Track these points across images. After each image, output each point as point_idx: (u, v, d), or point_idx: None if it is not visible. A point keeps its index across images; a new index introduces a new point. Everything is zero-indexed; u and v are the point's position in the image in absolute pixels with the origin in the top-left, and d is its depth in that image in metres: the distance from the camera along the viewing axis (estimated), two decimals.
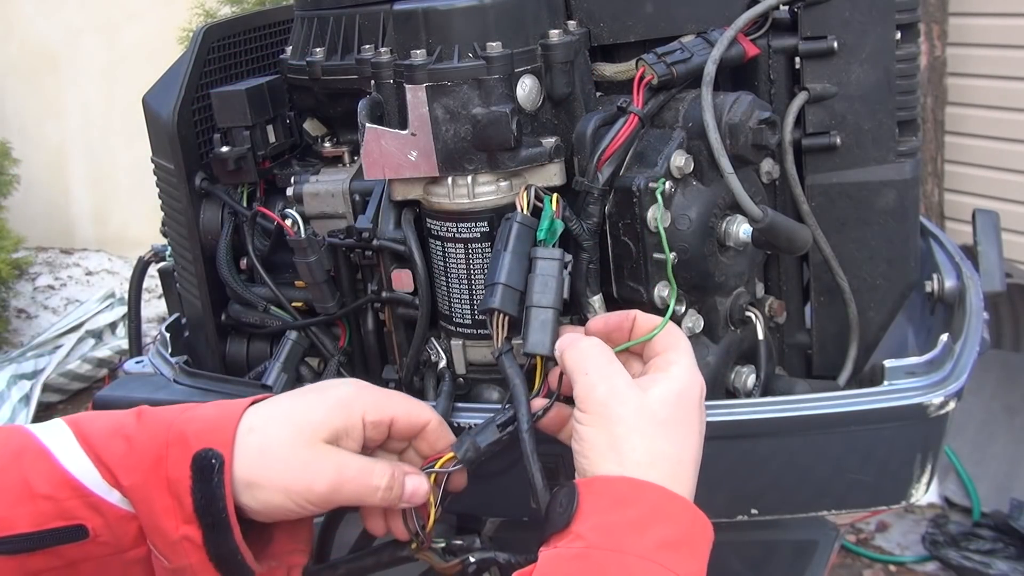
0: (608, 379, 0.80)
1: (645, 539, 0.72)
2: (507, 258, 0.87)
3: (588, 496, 0.75)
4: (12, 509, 0.79)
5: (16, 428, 0.85)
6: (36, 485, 0.80)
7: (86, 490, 0.80)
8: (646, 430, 0.78)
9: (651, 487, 0.75)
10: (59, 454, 0.82)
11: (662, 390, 0.80)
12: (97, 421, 0.84)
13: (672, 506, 0.75)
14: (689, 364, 0.83)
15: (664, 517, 0.74)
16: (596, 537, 0.72)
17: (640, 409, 0.79)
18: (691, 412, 0.81)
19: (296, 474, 0.80)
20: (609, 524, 0.73)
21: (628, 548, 0.72)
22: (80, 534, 0.80)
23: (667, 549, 0.72)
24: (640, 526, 0.73)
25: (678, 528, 0.74)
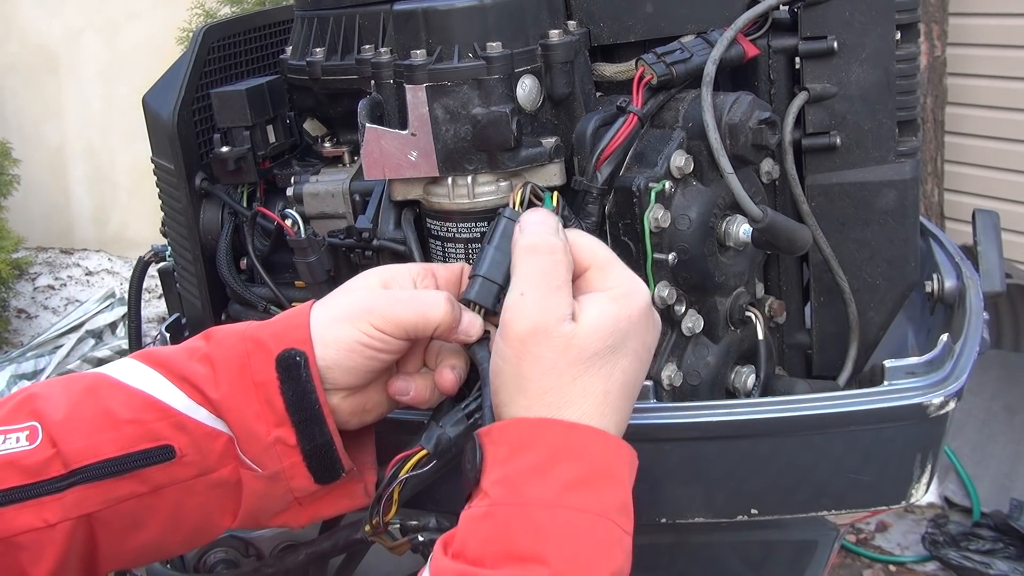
0: (542, 312, 0.75)
1: (547, 484, 0.69)
2: (489, 252, 0.87)
3: (490, 446, 0.73)
4: (96, 436, 0.80)
5: (80, 373, 0.87)
6: (118, 412, 0.81)
7: (171, 410, 0.82)
8: (567, 370, 0.74)
9: (552, 425, 0.72)
10: (136, 382, 0.83)
11: (597, 318, 0.75)
12: (167, 350, 0.87)
13: (576, 440, 0.71)
14: (625, 276, 0.78)
15: (567, 455, 0.70)
16: (499, 492, 0.70)
17: (566, 349, 0.74)
18: (630, 333, 0.76)
19: (359, 304, 0.83)
20: (510, 475, 0.70)
21: (530, 498, 0.69)
22: (167, 454, 0.81)
23: (573, 489, 0.69)
24: (540, 470, 0.69)
25: (584, 463, 0.70)
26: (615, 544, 0.69)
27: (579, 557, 0.67)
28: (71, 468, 0.79)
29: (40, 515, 0.78)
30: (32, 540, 0.78)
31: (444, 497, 0.96)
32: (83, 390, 0.83)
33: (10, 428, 0.79)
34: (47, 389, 0.83)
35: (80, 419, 0.81)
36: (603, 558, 0.68)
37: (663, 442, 0.91)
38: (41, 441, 0.79)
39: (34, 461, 0.78)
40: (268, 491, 0.84)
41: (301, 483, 0.84)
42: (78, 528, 0.79)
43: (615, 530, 0.69)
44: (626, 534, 0.70)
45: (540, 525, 0.68)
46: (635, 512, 0.94)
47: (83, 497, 0.79)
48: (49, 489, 0.78)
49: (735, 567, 1.08)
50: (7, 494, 0.77)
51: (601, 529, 0.69)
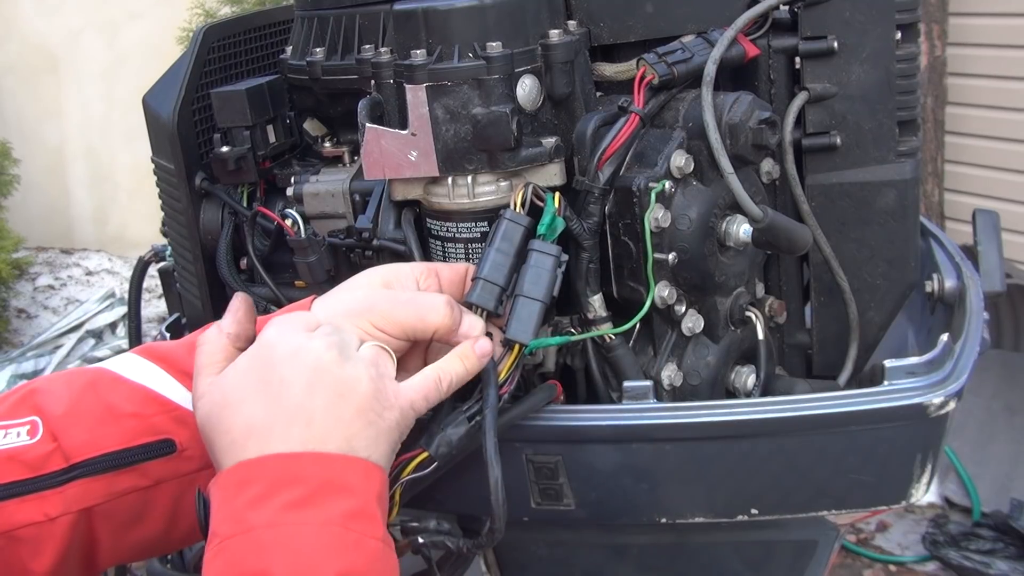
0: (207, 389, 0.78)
1: (268, 509, 0.70)
2: (491, 254, 0.87)
3: (216, 492, 0.74)
4: (98, 430, 0.81)
5: (81, 368, 0.87)
6: (119, 406, 0.82)
7: (172, 404, 0.83)
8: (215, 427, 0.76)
9: (267, 459, 0.73)
10: (137, 376, 0.84)
11: (227, 372, 0.78)
12: (168, 345, 0.87)
13: (292, 467, 0.72)
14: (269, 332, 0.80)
15: (286, 481, 0.71)
16: (226, 528, 0.71)
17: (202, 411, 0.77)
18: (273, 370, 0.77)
19: (359, 302, 0.83)
20: (235, 510, 0.71)
21: (253, 524, 0.70)
22: (168, 448, 0.82)
23: (292, 509, 0.70)
24: (261, 499, 0.71)
25: (303, 485, 0.71)
26: (345, 547, 0.70)
27: (302, 564, 0.68)
28: (72, 462, 0.79)
29: (41, 509, 0.78)
30: (32, 534, 0.78)
31: (444, 497, 0.96)
32: (84, 385, 0.83)
33: (11, 423, 0.80)
34: (48, 384, 0.84)
35: (81, 413, 0.81)
36: (328, 561, 0.69)
37: (663, 442, 0.91)
38: (42, 436, 0.79)
39: (35, 455, 0.79)
40: None
41: None
42: (79, 522, 0.79)
43: (345, 535, 0.70)
44: (366, 537, 0.71)
45: (263, 544, 0.69)
46: (635, 512, 0.94)
47: (84, 491, 0.79)
48: (50, 483, 0.79)
49: (735, 567, 1.08)
50: (8, 488, 0.77)
51: (326, 536, 0.70)
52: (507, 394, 0.86)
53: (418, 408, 0.80)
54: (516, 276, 0.88)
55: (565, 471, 0.93)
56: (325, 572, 0.68)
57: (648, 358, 0.98)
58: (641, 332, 0.97)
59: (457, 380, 0.83)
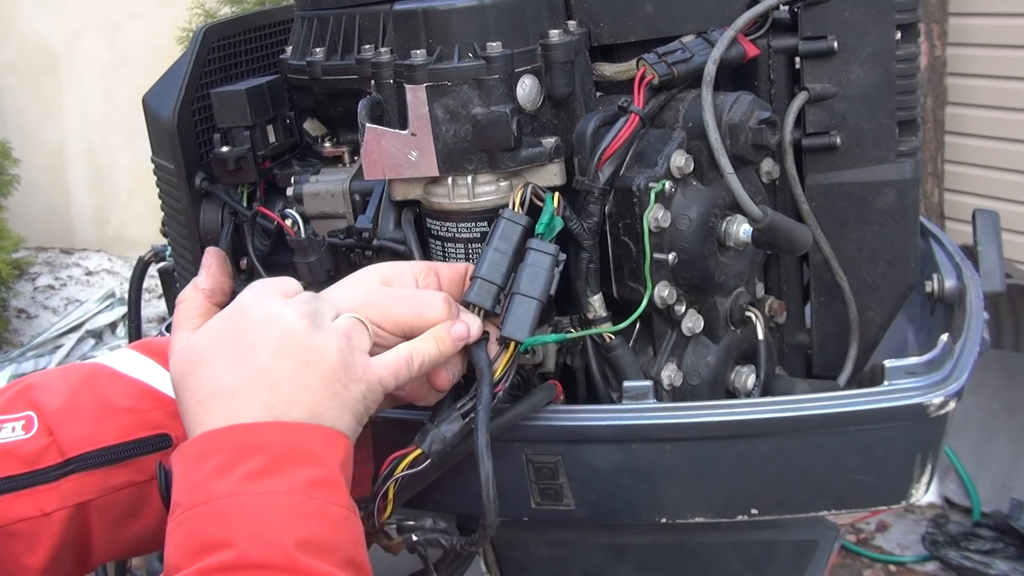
0: (178, 351, 0.79)
1: (229, 479, 0.70)
2: (489, 253, 0.88)
3: (177, 464, 0.74)
4: (94, 424, 0.81)
5: (77, 363, 0.88)
6: (116, 401, 0.82)
7: (168, 399, 0.83)
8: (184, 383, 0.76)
9: (229, 430, 0.73)
10: (134, 371, 0.84)
11: (198, 332, 0.79)
12: (164, 340, 0.87)
13: (254, 437, 0.72)
14: (245, 295, 0.80)
15: (247, 451, 0.71)
16: (188, 498, 0.71)
17: (173, 366, 0.78)
18: (243, 333, 0.77)
19: (357, 298, 0.84)
20: (196, 481, 0.71)
21: (215, 494, 0.70)
22: (164, 442, 0.82)
23: (253, 479, 0.70)
24: (223, 470, 0.71)
25: (265, 454, 0.71)
26: (307, 514, 0.70)
27: (262, 532, 0.68)
28: (68, 456, 0.79)
29: (36, 504, 0.78)
30: (27, 529, 0.78)
31: (443, 497, 0.96)
32: (81, 380, 0.83)
33: (6, 418, 0.80)
34: (44, 379, 0.84)
35: (77, 408, 0.81)
36: (289, 528, 0.69)
37: (663, 442, 0.91)
38: (37, 430, 0.79)
39: (30, 450, 0.79)
40: None
41: None
42: (74, 517, 0.79)
43: (307, 502, 0.70)
44: (329, 504, 0.71)
45: (224, 514, 0.69)
46: (635, 512, 0.94)
47: (80, 485, 0.79)
48: (45, 478, 0.79)
49: (735, 567, 1.08)
50: (2, 483, 0.78)
51: (287, 504, 0.70)
52: (502, 392, 0.86)
53: (386, 384, 0.80)
54: (514, 275, 0.88)
55: (565, 471, 0.93)
56: (286, 539, 0.68)
57: (648, 358, 0.98)
58: (641, 332, 0.97)
59: (429, 361, 0.82)
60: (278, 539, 0.68)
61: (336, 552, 0.70)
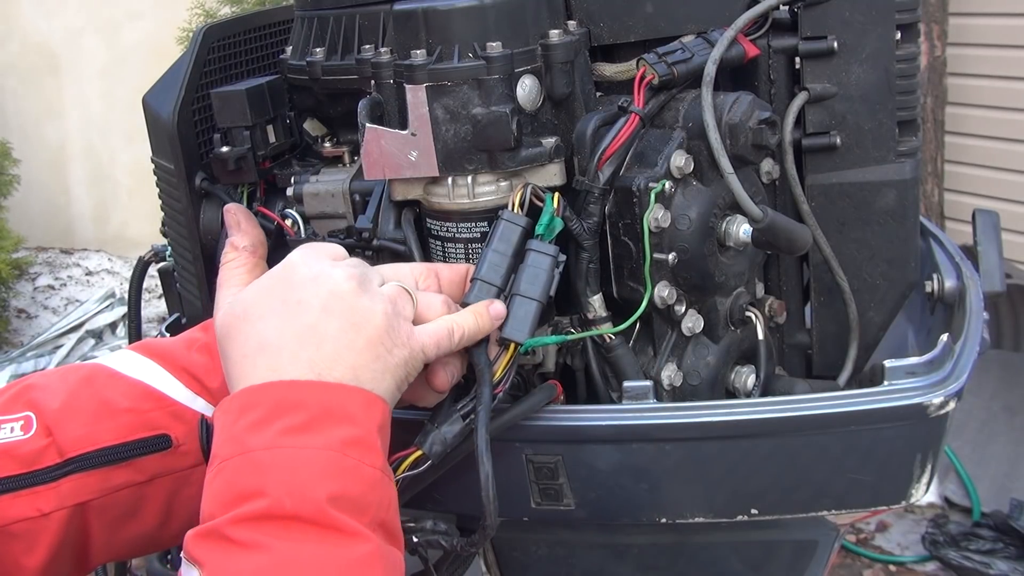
0: (228, 306, 0.80)
1: (267, 432, 0.71)
2: (488, 254, 0.88)
3: (219, 417, 0.75)
4: (93, 425, 0.81)
5: (77, 364, 0.88)
6: (116, 401, 0.82)
7: (168, 400, 0.83)
8: (230, 338, 0.78)
9: (268, 386, 0.74)
10: (134, 372, 0.84)
11: (248, 288, 0.81)
12: (165, 341, 0.88)
13: (295, 393, 0.73)
14: (294, 255, 0.82)
15: (287, 407, 0.72)
16: (226, 449, 0.72)
17: (220, 321, 0.79)
18: (292, 290, 0.78)
19: None
20: (235, 433, 0.72)
21: (252, 446, 0.71)
22: (164, 443, 0.83)
23: (292, 433, 0.71)
24: (262, 424, 0.72)
25: (304, 411, 0.72)
26: (342, 471, 0.71)
27: (296, 484, 0.69)
28: (67, 457, 0.79)
29: (34, 504, 0.78)
30: (25, 529, 0.78)
31: (443, 497, 0.96)
32: (80, 380, 0.83)
33: (5, 418, 0.80)
34: (43, 380, 0.84)
35: (77, 408, 0.81)
36: (322, 482, 0.69)
37: (663, 442, 0.91)
38: (36, 431, 0.79)
39: (28, 450, 0.79)
40: None
41: None
42: (72, 517, 0.79)
43: (343, 459, 0.71)
44: (364, 464, 0.72)
45: (260, 465, 0.70)
46: (635, 512, 0.94)
47: (79, 485, 0.79)
48: (44, 478, 0.79)
49: (735, 567, 1.08)
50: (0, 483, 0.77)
51: (321, 460, 0.71)
52: (502, 393, 0.86)
53: (428, 353, 0.81)
54: (514, 276, 0.88)
55: (565, 471, 0.93)
56: (319, 493, 0.69)
57: (648, 358, 0.98)
58: (641, 332, 0.97)
59: (469, 334, 0.84)
60: (311, 492, 0.68)
61: (368, 512, 0.70)
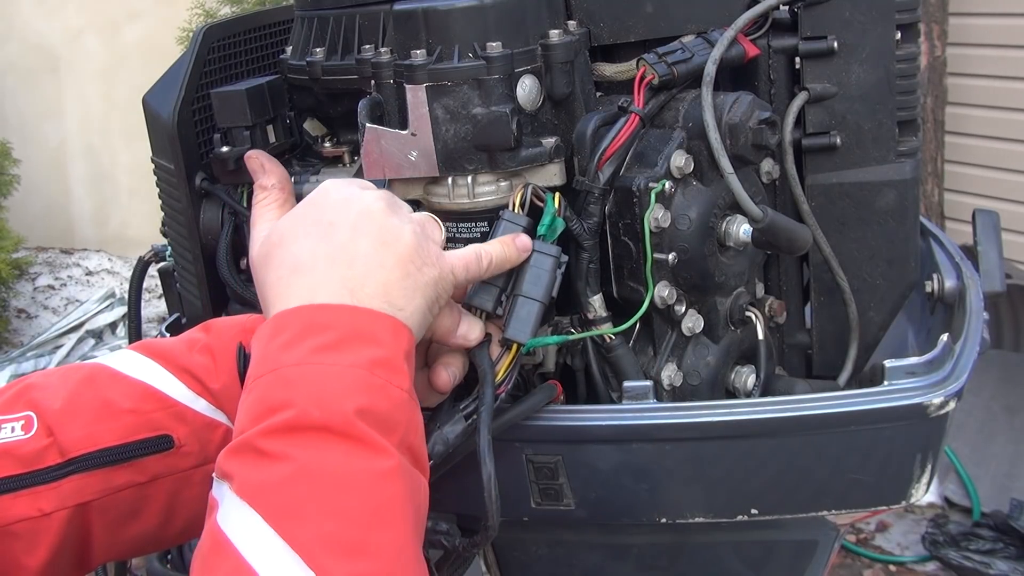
0: (264, 237, 0.83)
1: (297, 350, 0.72)
2: None
3: (253, 344, 0.77)
4: (95, 425, 0.81)
5: (78, 364, 0.88)
6: (117, 402, 0.82)
7: (170, 400, 0.83)
8: (266, 264, 0.80)
9: (299, 309, 0.75)
10: (135, 372, 0.84)
11: (282, 217, 0.83)
12: (166, 341, 0.88)
13: (324, 315, 0.75)
14: (326, 182, 0.84)
15: (316, 328, 0.74)
16: (258, 368, 0.73)
17: (256, 252, 0.82)
18: (324, 212, 0.81)
19: None
20: (267, 353, 0.74)
21: (283, 363, 0.72)
22: (165, 444, 0.83)
23: (321, 351, 0.72)
24: (292, 343, 0.73)
25: (333, 331, 0.73)
26: (369, 388, 0.72)
27: (323, 395, 0.70)
28: (68, 457, 0.79)
29: (35, 504, 0.78)
30: (26, 529, 0.78)
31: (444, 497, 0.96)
32: (81, 380, 0.83)
33: (5, 418, 0.80)
34: (44, 379, 0.84)
35: (78, 408, 0.81)
36: (349, 396, 0.70)
37: (663, 442, 0.91)
38: (36, 430, 0.79)
39: (29, 450, 0.79)
40: None
41: None
42: (74, 517, 0.79)
43: (370, 378, 0.72)
44: (391, 384, 0.73)
45: (289, 379, 0.71)
46: (635, 512, 0.94)
47: (80, 486, 0.79)
48: (45, 478, 0.79)
49: (735, 567, 1.08)
50: (1, 483, 0.77)
51: (349, 376, 0.71)
52: (504, 393, 0.86)
53: (458, 275, 0.82)
54: (515, 276, 0.88)
55: (565, 471, 0.93)
56: (347, 405, 0.69)
57: (648, 358, 0.98)
58: (641, 332, 0.97)
59: (496, 262, 0.85)
60: (339, 404, 0.69)
61: (395, 432, 0.71)
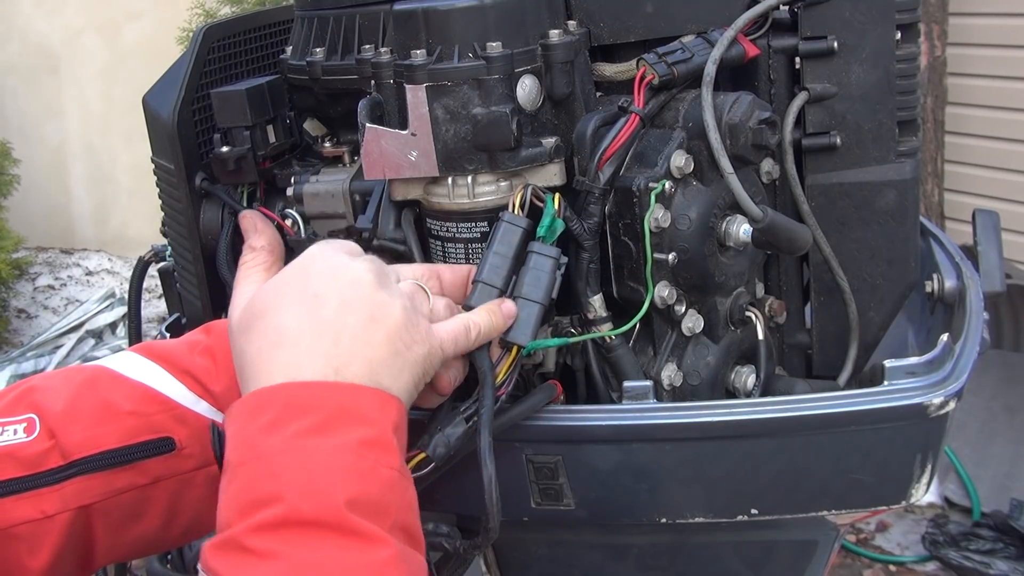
0: (235, 310, 0.80)
1: (281, 435, 0.70)
2: (489, 256, 0.88)
3: (229, 422, 0.74)
4: (97, 428, 0.81)
5: (79, 365, 0.88)
6: (119, 404, 0.82)
7: (172, 403, 0.83)
8: (246, 333, 0.76)
9: (280, 388, 0.72)
10: (137, 374, 0.84)
11: (264, 285, 0.79)
12: (167, 343, 0.88)
13: (306, 394, 0.72)
14: (312, 248, 0.81)
15: (299, 409, 0.71)
16: (238, 454, 0.71)
17: (236, 318, 0.78)
18: (311, 282, 0.77)
19: None
20: (247, 436, 0.71)
21: (266, 450, 0.69)
22: (167, 446, 0.83)
23: (306, 435, 0.69)
24: (274, 426, 0.70)
25: (318, 412, 0.71)
26: (359, 473, 0.69)
27: (311, 487, 0.67)
28: (70, 459, 0.79)
29: (38, 506, 0.78)
30: (29, 531, 0.78)
31: (443, 498, 0.96)
32: (83, 382, 0.83)
33: (8, 420, 0.80)
34: (46, 381, 0.84)
35: (80, 411, 0.81)
36: (338, 485, 0.68)
37: (663, 442, 0.91)
38: (39, 433, 0.79)
39: (31, 453, 0.79)
40: None
41: None
42: (76, 519, 0.79)
43: (359, 462, 0.69)
44: (380, 465, 0.70)
45: (275, 468, 0.68)
46: (635, 512, 0.94)
47: (82, 488, 0.79)
48: (47, 480, 0.79)
49: (735, 567, 1.08)
50: (4, 485, 0.77)
51: (337, 461, 0.69)
52: (505, 395, 0.86)
53: (447, 350, 0.80)
54: (515, 278, 0.88)
55: (565, 471, 0.93)
56: (337, 497, 0.67)
57: (648, 358, 0.98)
58: (641, 332, 0.97)
59: (485, 332, 0.84)
60: (329, 496, 0.67)
61: (388, 516, 0.69)
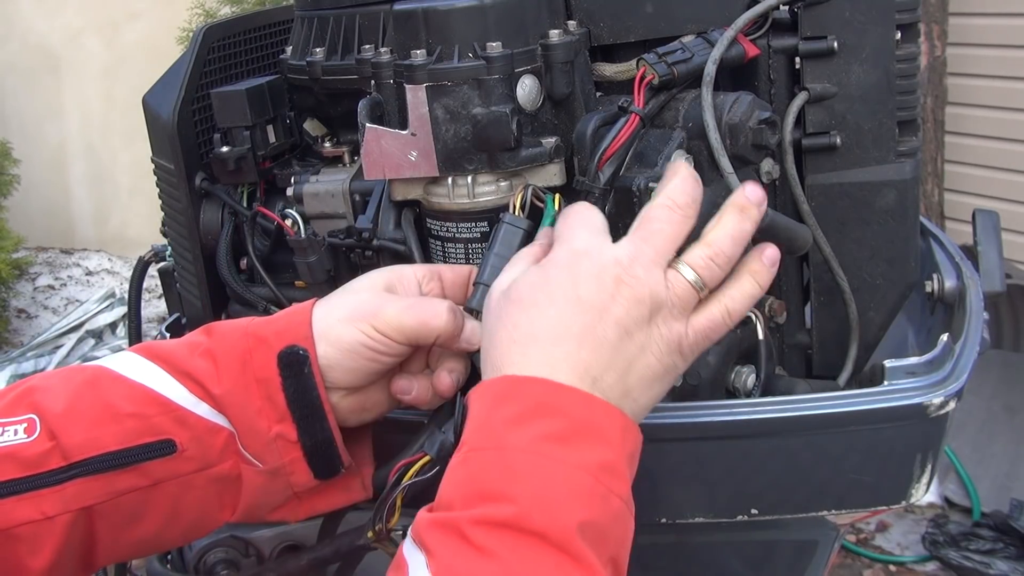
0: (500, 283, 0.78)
1: (525, 433, 0.68)
2: (490, 258, 0.88)
3: (474, 402, 0.73)
4: (97, 429, 0.81)
5: (80, 365, 0.87)
6: (119, 405, 0.82)
7: (173, 404, 0.83)
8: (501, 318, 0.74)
9: (533, 382, 0.70)
10: (137, 376, 0.84)
11: (528, 274, 0.76)
12: (168, 344, 0.87)
13: (559, 398, 0.70)
14: (569, 239, 0.77)
15: (549, 410, 0.69)
16: (476, 438, 0.69)
17: (499, 302, 0.76)
18: (562, 285, 0.74)
19: (361, 306, 0.85)
20: (489, 423, 0.69)
21: (507, 444, 0.67)
22: (168, 449, 0.82)
23: (550, 441, 0.67)
24: (520, 420, 0.68)
25: (566, 420, 0.68)
26: (592, 497, 0.67)
27: (548, 500, 0.65)
28: (71, 461, 0.79)
29: (38, 507, 0.78)
30: (30, 532, 0.78)
31: None
32: (83, 383, 0.83)
33: (8, 420, 0.80)
34: (46, 382, 0.84)
35: (80, 412, 0.81)
36: (574, 505, 0.65)
37: (663, 442, 0.91)
38: (39, 434, 0.79)
39: (32, 453, 0.79)
40: (268, 486, 0.84)
41: (301, 478, 0.84)
42: (77, 521, 0.79)
43: (595, 485, 0.67)
44: (612, 493, 0.68)
45: (513, 467, 0.67)
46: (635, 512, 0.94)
47: (83, 490, 0.79)
48: (48, 481, 0.79)
49: (735, 567, 1.08)
50: (4, 486, 0.77)
51: (576, 480, 0.67)
52: None
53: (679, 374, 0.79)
54: None
55: None
56: (570, 516, 0.65)
57: None
58: None
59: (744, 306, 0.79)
60: (563, 513, 0.65)
61: (608, 547, 0.67)
